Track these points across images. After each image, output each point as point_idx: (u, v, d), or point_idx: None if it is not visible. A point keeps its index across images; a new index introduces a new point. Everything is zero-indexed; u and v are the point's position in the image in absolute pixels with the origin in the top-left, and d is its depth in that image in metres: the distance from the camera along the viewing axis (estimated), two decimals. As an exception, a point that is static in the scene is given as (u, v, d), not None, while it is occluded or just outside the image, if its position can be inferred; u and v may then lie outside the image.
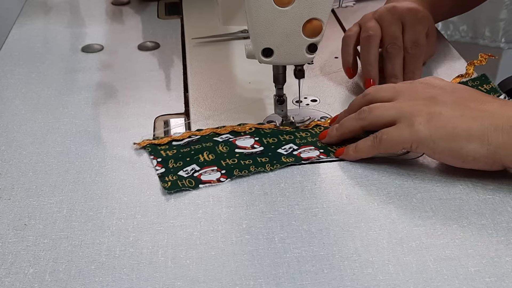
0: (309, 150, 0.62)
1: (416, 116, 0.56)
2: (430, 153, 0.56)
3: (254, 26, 0.61)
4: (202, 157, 0.62)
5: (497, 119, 0.54)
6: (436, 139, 0.55)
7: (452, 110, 0.55)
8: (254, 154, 0.62)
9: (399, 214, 0.54)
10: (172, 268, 0.49)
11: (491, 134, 0.53)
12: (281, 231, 0.53)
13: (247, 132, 0.66)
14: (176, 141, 0.65)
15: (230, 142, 0.64)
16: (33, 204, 0.57)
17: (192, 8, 1.01)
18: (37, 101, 0.75)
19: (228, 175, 0.59)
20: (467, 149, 0.54)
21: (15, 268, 0.50)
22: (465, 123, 0.54)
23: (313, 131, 0.66)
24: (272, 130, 0.66)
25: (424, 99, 0.57)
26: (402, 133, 0.56)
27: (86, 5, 1.06)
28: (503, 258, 0.49)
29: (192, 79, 0.79)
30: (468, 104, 0.56)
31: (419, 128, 0.55)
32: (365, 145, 0.59)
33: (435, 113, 0.55)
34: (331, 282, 0.47)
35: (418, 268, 0.48)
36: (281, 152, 0.62)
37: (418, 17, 0.73)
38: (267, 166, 0.60)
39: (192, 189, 0.58)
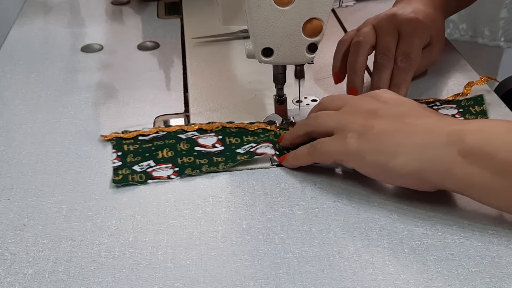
0: (266, 146, 0.62)
1: (350, 129, 0.55)
2: (358, 166, 0.55)
3: (254, 26, 0.61)
4: (161, 153, 0.63)
5: (429, 135, 0.52)
6: (363, 152, 0.54)
7: (386, 125, 0.54)
8: (212, 153, 0.63)
9: (399, 214, 0.54)
10: (172, 269, 0.49)
11: (420, 150, 0.51)
12: (281, 231, 0.53)
13: (213, 130, 0.66)
14: (142, 136, 0.66)
15: (192, 140, 0.65)
16: (33, 204, 0.57)
17: (192, 8, 1.00)
18: (37, 101, 0.75)
19: (179, 173, 0.60)
20: (392, 164, 0.52)
21: (14, 269, 0.50)
22: (394, 138, 0.53)
23: (279, 132, 0.66)
24: (239, 130, 0.66)
25: (364, 112, 0.56)
26: (334, 145, 0.56)
27: (86, 5, 1.05)
28: (504, 259, 0.49)
29: (192, 79, 0.79)
30: (404, 119, 0.54)
31: (350, 142, 0.55)
32: (302, 152, 0.59)
33: (368, 127, 0.54)
34: (332, 283, 0.47)
35: (418, 269, 0.48)
36: (238, 152, 0.63)
37: (416, 29, 0.70)
38: (221, 165, 0.61)
39: (140, 184, 0.59)
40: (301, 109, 0.71)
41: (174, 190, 0.58)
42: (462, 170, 0.49)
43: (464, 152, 0.49)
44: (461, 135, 0.50)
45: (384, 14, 0.73)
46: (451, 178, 0.50)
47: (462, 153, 0.49)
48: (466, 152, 0.49)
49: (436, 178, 0.51)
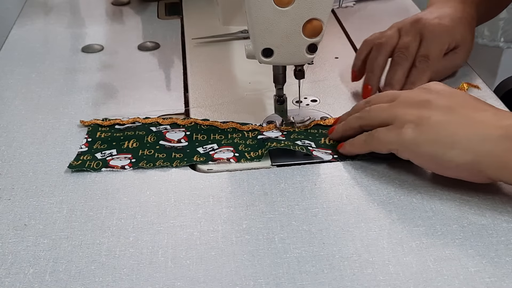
0: (226, 150, 0.63)
1: (406, 119, 0.56)
2: (414, 157, 0.56)
3: (254, 26, 0.61)
4: (128, 143, 0.64)
5: (485, 128, 0.53)
6: (419, 142, 0.55)
7: (441, 115, 0.55)
8: (173, 148, 0.63)
9: (399, 214, 0.54)
10: (172, 268, 0.49)
11: (477, 143, 0.52)
12: (281, 231, 0.53)
13: (185, 126, 0.67)
14: (119, 125, 0.68)
15: (160, 133, 0.66)
16: (33, 204, 0.57)
17: (192, 8, 1.01)
18: (37, 101, 0.75)
19: (133, 164, 0.61)
20: (449, 155, 0.53)
21: (15, 268, 0.50)
22: (451, 129, 0.54)
23: (247, 134, 0.66)
24: (209, 127, 0.67)
25: (418, 103, 0.57)
26: (390, 134, 0.57)
27: (86, 5, 1.06)
28: (503, 258, 0.49)
29: (192, 79, 0.79)
30: (460, 110, 0.55)
31: (406, 132, 0.55)
32: (360, 140, 0.60)
33: (424, 117, 0.55)
34: (331, 282, 0.47)
35: (418, 268, 0.48)
36: (198, 151, 0.63)
37: (438, 34, 0.72)
38: (176, 162, 0.61)
39: (94, 171, 0.60)
40: (301, 109, 0.71)
41: (174, 190, 0.58)
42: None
43: None
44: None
45: (410, 18, 0.74)
46: (507, 171, 0.51)
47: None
48: None
49: (492, 170, 0.52)
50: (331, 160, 0.61)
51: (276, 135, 0.65)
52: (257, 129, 0.67)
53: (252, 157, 0.62)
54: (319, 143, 0.64)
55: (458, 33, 0.73)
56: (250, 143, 0.64)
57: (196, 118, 0.69)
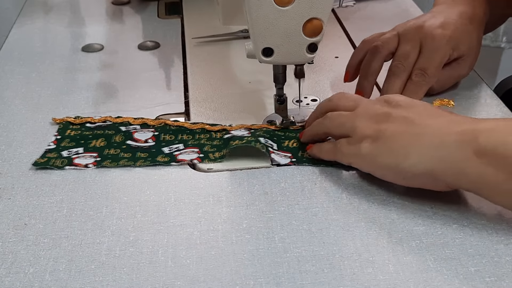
0: (190, 152, 0.63)
1: (365, 134, 0.56)
2: (371, 169, 0.56)
3: (254, 26, 0.61)
4: (95, 142, 0.64)
5: (439, 135, 0.52)
6: (375, 155, 0.55)
7: (397, 127, 0.54)
8: (139, 148, 0.64)
9: (399, 214, 0.54)
10: (172, 268, 0.49)
11: (431, 151, 0.51)
12: (281, 230, 0.53)
13: (155, 126, 0.67)
14: (90, 123, 0.68)
15: (129, 133, 0.66)
16: (33, 204, 0.57)
17: (192, 8, 1.01)
18: (37, 100, 0.75)
19: (98, 163, 0.61)
20: (404, 165, 0.53)
21: (15, 268, 0.50)
22: (405, 140, 0.53)
23: (215, 135, 0.66)
24: (178, 128, 0.67)
25: (377, 116, 0.56)
26: (350, 148, 0.57)
27: (86, 4, 1.06)
28: (503, 258, 0.49)
29: (192, 79, 0.79)
30: (416, 119, 0.54)
31: (364, 146, 0.55)
32: (327, 148, 0.60)
33: (381, 130, 0.55)
34: (331, 282, 0.47)
35: (418, 268, 0.48)
36: (163, 151, 0.63)
37: (439, 45, 0.68)
38: (139, 161, 0.61)
39: (57, 168, 0.61)
40: (301, 108, 0.71)
41: (174, 190, 0.58)
42: (475, 170, 0.49)
43: (478, 152, 0.49)
44: (474, 135, 0.50)
45: (413, 23, 0.71)
46: (464, 177, 0.50)
47: (476, 153, 0.49)
48: (479, 152, 0.49)
49: (449, 177, 0.51)
50: (288, 164, 0.61)
51: (243, 133, 0.65)
52: (226, 129, 0.67)
53: (215, 158, 0.62)
54: (282, 145, 0.64)
55: (463, 44, 0.70)
56: (217, 144, 0.64)
57: (166, 119, 0.69)
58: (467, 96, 0.72)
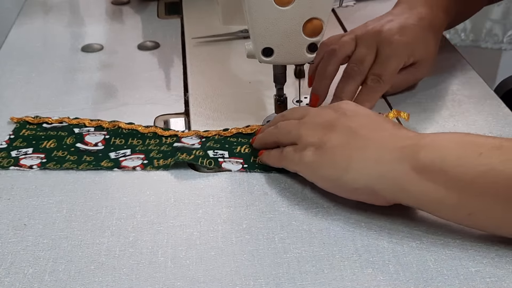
0: (136, 158, 0.62)
1: (308, 142, 0.55)
2: (313, 179, 0.56)
3: (254, 26, 0.61)
4: (46, 143, 0.64)
5: (380, 150, 0.51)
6: (317, 166, 0.54)
7: (340, 138, 0.54)
8: (86, 151, 0.63)
9: (399, 214, 0.54)
10: (172, 268, 0.49)
11: (370, 166, 0.51)
12: (281, 231, 0.53)
13: (108, 129, 0.67)
14: (47, 123, 0.68)
15: (80, 136, 0.66)
16: (33, 204, 0.57)
17: (192, 7, 1.01)
18: (37, 100, 0.75)
19: (42, 165, 0.61)
20: (345, 178, 0.52)
21: (15, 268, 0.50)
22: (346, 153, 0.53)
23: (165, 140, 0.65)
24: (130, 132, 0.66)
25: (322, 124, 0.56)
26: (295, 156, 0.56)
27: (86, 4, 1.05)
28: (503, 258, 0.49)
29: (192, 79, 0.79)
30: (359, 131, 0.54)
31: (306, 154, 0.55)
32: (274, 155, 0.60)
33: (324, 141, 0.54)
34: (332, 282, 0.47)
35: (418, 268, 0.48)
36: (109, 155, 0.63)
37: (396, 51, 0.68)
38: (83, 165, 0.61)
39: (2, 169, 0.61)
40: (301, 109, 0.71)
41: (174, 190, 0.58)
42: (415, 187, 0.49)
43: (417, 168, 0.49)
44: (414, 151, 0.50)
45: (372, 27, 0.70)
46: (404, 193, 0.50)
47: (415, 169, 0.49)
48: (419, 168, 0.49)
49: (388, 193, 0.51)
50: (240, 170, 0.60)
51: (193, 142, 0.64)
52: (177, 135, 0.66)
53: (159, 165, 0.61)
54: (234, 151, 0.63)
55: (420, 49, 0.70)
56: (164, 149, 0.63)
57: (120, 121, 0.68)
58: (467, 96, 0.72)
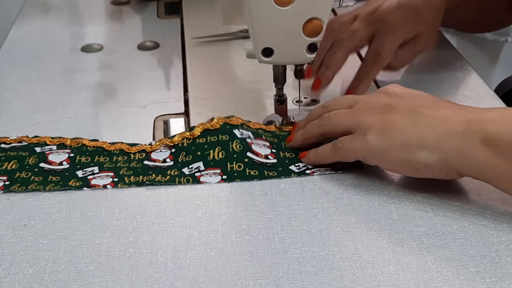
0: (105, 176, 0.60)
1: (369, 126, 0.55)
2: (382, 163, 0.55)
3: (254, 26, 0.61)
4: (7, 165, 0.61)
5: (449, 124, 0.52)
6: (386, 148, 0.54)
7: (404, 119, 0.54)
8: (52, 171, 0.61)
9: (399, 215, 0.54)
10: (172, 269, 0.49)
11: (443, 140, 0.52)
12: (281, 231, 0.53)
13: (72, 147, 0.64)
14: (5, 144, 0.65)
15: (43, 155, 0.63)
16: (32, 204, 0.57)
17: (192, 8, 1.00)
18: (37, 101, 0.75)
19: (5, 187, 0.58)
20: (418, 156, 0.53)
21: (14, 269, 0.50)
22: (416, 131, 0.53)
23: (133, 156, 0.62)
24: (95, 149, 0.64)
25: (379, 108, 0.56)
26: (355, 143, 0.56)
27: (85, 4, 1.05)
28: (504, 259, 0.49)
29: (192, 79, 0.79)
30: (422, 110, 0.54)
31: (371, 139, 0.54)
32: (324, 151, 0.59)
33: (387, 122, 0.54)
34: (332, 283, 0.47)
35: (418, 269, 0.48)
36: (77, 174, 0.60)
37: (393, 29, 0.70)
38: (50, 186, 0.58)
39: None
40: (301, 109, 0.71)
41: (174, 190, 0.58)
42: (484, 158, 0.50)
43: (485, 140, 0.50)
44: (481, 123, 0.51)
45: (371, 7, 0.72)
46: (474, 165, 0.51)
47: (483, 141, 0.50)
48: (487, 140, 0.50)
49: (460, 165, 0.52)
50: (220, 182, 0.58)
51: (164, 157, 0.62)
52: (145, 150, 0.63)
53: (131, 182, 0.58)
54: (207, 159, 0.60)
55: (418, 23, 0.71)
56: (134, 166, 0.61)
57: (84, 138, 0.65)
58: (467, 96, 0.72)
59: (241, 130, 0.63)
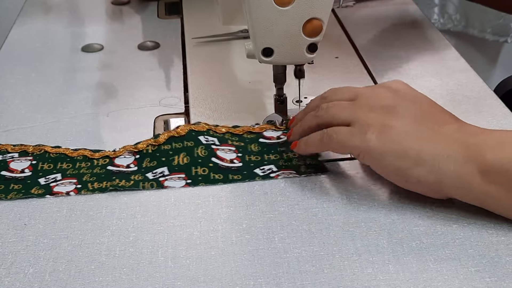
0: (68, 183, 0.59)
1: (370, 124, 0.53)
2: (376, 166, 0.54)
3: (254, 26, 0.61)
4: None
5: (451, 146, 0.51)
6: (384, 153, 0.52)
7: (407, 126, 0.53)
8: (13, 179, 0.60)
9: (399, 214, 0.54)
10: (172, 268, 0.49)
11: (442, 162, 0.51)
12: (281, 231, 0.53)
13: (34, 154, 0.63)
14: None
15: (4, 163, 0.62)
16: (33, 204, 0.57)
17: (192, 8, 1.00)
18: (37, 100, 0.75)
19: None
20: (413, 171, 0.52)
21: (15, 268, 0.50)
22: (417, 144, 0.52)
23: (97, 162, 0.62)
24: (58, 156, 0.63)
25: (382, 107, 0.55)
26: (353, 138, 0.54)
27: (86, 4, 1.05)
28: (503, 258, 0.49)
29: (192, 79, 0.79)
30: (425, 121, 0.53)
31: (371, 138, 0.53)
32: (315, 139, 0.57)
33: (389, 126, 0.53)
34: (331, 282, 0.47)
35: (418, 268, 0.48)
36: (39, 182, 0.59)
37: None
38: (12, 194, 0.57)
39: None
40: (301, 109, 0.71)
41: (174, 190, 0.58)
42: (480, 187, 0.50)
43: (483, 169, 0.50)
44: (481, 151, 0.50)
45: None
46: (468, 192, 0.51)
47: (481, 171, 0.50)
48: (485, 169, 0.49)
49: (453, 190, 0.52)
50: (184, 186, 0.58)
51: (128, 162, 0.62)
52: (109, 156, 0.63)
53: (94, 188, 0.58)
54: (172, 164, 0.60)
55: None
56: (97, 172, 0.60)
57: (46, 145, 0.64)
58: (467, 96, 0.72)
59: (207, 137, 0.64)
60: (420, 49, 0.84)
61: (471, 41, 1.37)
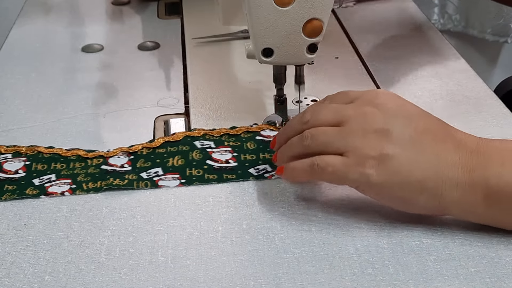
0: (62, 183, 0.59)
1: (365, 155, 0.50)
2: (377, 197, 0.52)
3: (254, 26, 0.61)
4: None
5: (453, 171, 0.50)
6: (386, 186, 0.50)
7: (406, 152, 0.50)
8: (7, 180, 0.60)
9: (399, 215, 0.54)
10: (172, 268, 0.49)
11: (446, 189, 0.50)
12: (281, 231, 0.53)
13: (27, 155, 0.63)
14: None
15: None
16: (33, 204, 0.57)
17: (192, 8, 1.01)
18: (37, 101, 0.75)
19: None
20: (417, 199, 0.50)
21: (15, 268, 0.50)
22: (420, 172, 0.50)
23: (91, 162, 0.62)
24: (52, 156, 0.63)
25: (376, 131, 0.51)
26: (350, 171, 0.51)
27: (86, 5, 1.05)
28: (503, 259, 0.49)
29: (192, 79, 0.79)
30: (423, 144, 0.51)
31: (371, 173, 0.50)
32: (302, 169, 0.53)
33: (388, 156, 0.50)
34: (331, 283, 0.47)
35: (418, 269, 0.48)
36: (33, 182, 0.59)
37: None
38: (6, 195, 0.57)
39: None
40: (301, 109, 0.71)
41: (174, 190, 0.58)
42: (484, 211, 0.50)
43: (487, 193, 0.49)
44: (484, 173, 0.49)
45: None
46: (473, 216, 0.51)
47: (485, 195, 0.49)
48: (489, 194, 0.49)
49: (457, 214, 0.51)
50: (178, 186, 0.58)
51: (122, 162, 0.61)
52: (103, 156, 0.63)
53: (89, 189, 0.58)
54: (166, 166, 0.61)
55: None
56: (92, 172, 0.60)
57: (39, 146, 0.64)
58: (467, 97, 0.72)
59: (202, 141, 0.64)
60: (420, 49, 0.84)
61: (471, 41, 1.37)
